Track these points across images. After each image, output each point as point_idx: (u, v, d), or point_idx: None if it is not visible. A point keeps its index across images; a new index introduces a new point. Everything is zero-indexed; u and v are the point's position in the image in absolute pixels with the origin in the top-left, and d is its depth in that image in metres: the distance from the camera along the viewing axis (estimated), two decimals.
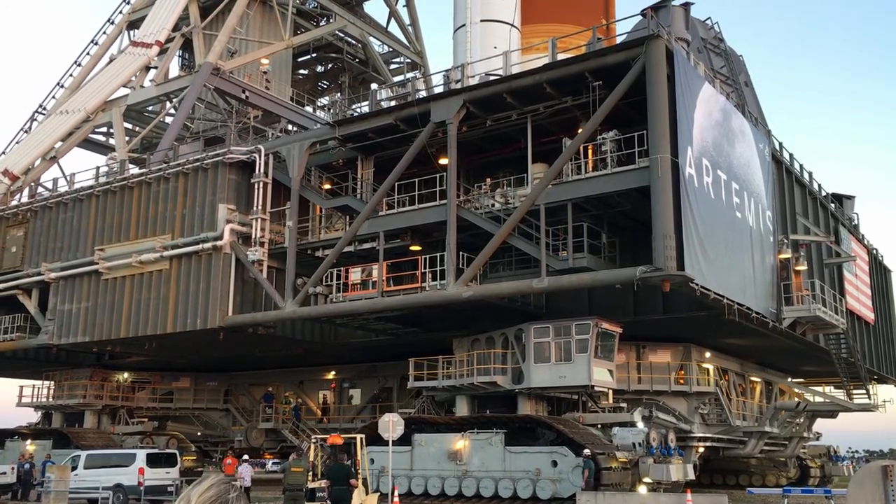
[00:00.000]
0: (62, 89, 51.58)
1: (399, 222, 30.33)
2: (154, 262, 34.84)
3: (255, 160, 33.52)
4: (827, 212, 38.09)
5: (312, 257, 33.45)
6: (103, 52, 52.67)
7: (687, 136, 25.26)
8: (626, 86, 25.41)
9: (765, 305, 29.37)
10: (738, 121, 29.73)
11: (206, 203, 33.95)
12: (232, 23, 45.70)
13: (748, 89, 38.68)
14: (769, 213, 31.22)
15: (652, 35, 25.04)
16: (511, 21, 41.64)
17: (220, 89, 44.68)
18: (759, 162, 30.88)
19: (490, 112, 29.01)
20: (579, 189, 26.49)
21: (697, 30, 36.78)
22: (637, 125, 25.76)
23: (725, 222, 27.32)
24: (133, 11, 53.76)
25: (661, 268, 23.74)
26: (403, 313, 31.44)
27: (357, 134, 31.51)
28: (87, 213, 38.14)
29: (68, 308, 37.78)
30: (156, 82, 46.68)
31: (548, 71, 27.13)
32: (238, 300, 33.32)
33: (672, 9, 30.32)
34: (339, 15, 53.01)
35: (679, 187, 24.45)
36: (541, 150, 28.87)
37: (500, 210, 28.41)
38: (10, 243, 41.18)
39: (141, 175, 36.70)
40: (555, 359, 28.99)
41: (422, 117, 29.55)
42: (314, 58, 58.17)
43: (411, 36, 57.53)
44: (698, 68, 27.90)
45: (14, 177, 44.73)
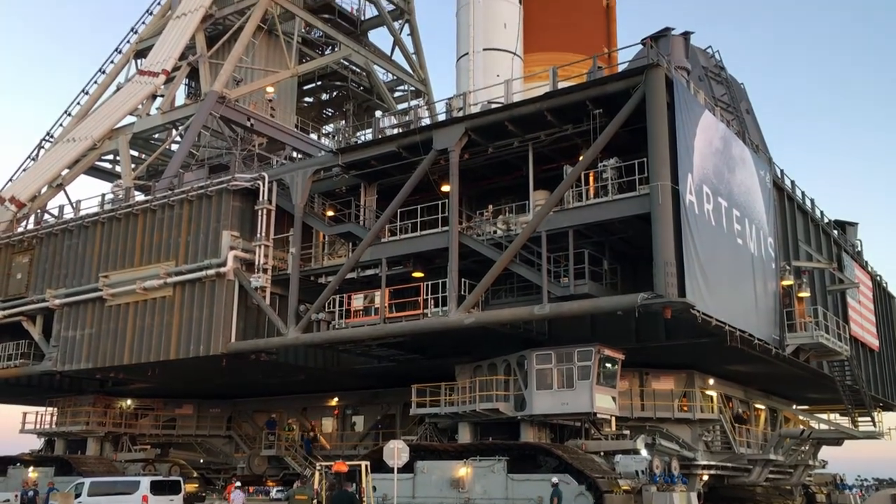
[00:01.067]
0: (69, 117, 52.19)
1: (401, 249, 30.46)
2: (158, 289, 35.01)
3: (259, 187, 33.77)
4: (829, 238, 38.10)
5: (315, 284, 33.57)
6: (111, 80, 53.34)
7: (687, 163, 25.40)
8: (626, 114, 25.62)
9: (767, 332, 29.32)
10: (738, 148, 29.88)
11: (210, 230, 34.17)
12: (238, 52, 46.25)
13: (749, 117, 38.93)
14: (771, 239, 31.26)
15: (651, 64, 25.29)
16: (513, 50, 42.05)
17: (225, 117, 45.13)
18: (760, 189, 30.99)
19: (492, 139, 29.23)
20: (580, 216, 26.60)
21: (698, 58, 37.12)
22: (638, 152, 25.92)
23: (727, 249, 27.37)
24: (140, 41, 54.51)
25: (663, 294, 23.78)
26: (406, 340, 31.46)
27: (360, 161, 31.76)
28: (91, 240, 38.39)
29: (72, 335, 37.90)
30: (162, 110, 47.16)
31: (549, 99, 27.38)
32: (241, 326, 33.41)
33: (672, 38, 30.65)
34: (343, 44, 53.62)
35: (680, 214, 24.55)
36: (542, 178, 29.03)
37: (501, 237, 28.53)
38: (16, 270, 41.42)
39: (146, 202, 36.99)
40: (557, 385, 28.92)
41: (424, 145, 29.80)
42: (319, 86, 58.81)
43: (415, 64, 58.07)
44: (698, 96, 28.10)
45: (20, 204, 45.11)
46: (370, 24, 58.79)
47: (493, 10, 42.45)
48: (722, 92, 37.62)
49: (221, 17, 49.82)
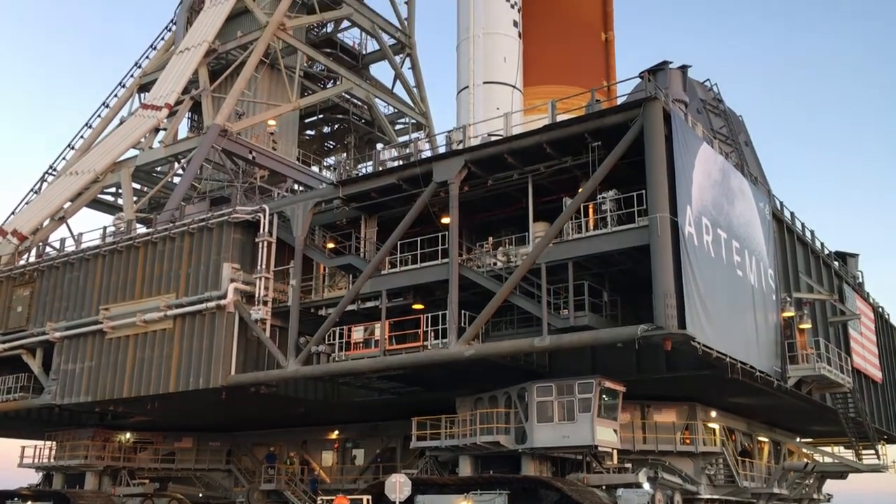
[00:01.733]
0: (73, 151, 52.56)
1: (401, 281, 30.47)
2: (158, 322, 34.98)
3: (260, 220, 33.89)
4: (830, 270, 38.09)
5: (315, 316, 33.54)
6: (114, 114, 53.85)
7: (686, 195, 25.50)
8: (624, 146, 25.78)
9: (769, 364, 29.21)
10: (737, 180, 30.00)
11: (211, 262, 34.23)
12: (240, 86, 46.66)
13: (748, 149, 39.18)
14: (771, 271, 31.27)
15: (649, 97, 25.50)
16: (513, 83, 42.44)
17: (227, 150, 45.38)
18: (759, 220, 31.06)
19: (491, 172, 29.38)
20: (580, 248, 26.65)
21: (696, 91, 37.46)
22: (636, 184, 26.02)
23: (726, 280, 27.37)
24: (144, 75, 55.12)
25: (663, 326, 23.74)
26: (406, 372, 31.34)
27: (360, 193, 31.91)
28: (92, 273, 38.45)
29: (71, 368, 37.80)
30: (164, 143, 47.48)
31: (548, 132, 27.57)
32: (241, 359, 33.32)
33: (669, 71, 30.95)
34: (345, 77, 54.08)
35: (679, 246, 24.60)
36: (542, 209, 29.12)
37: (501, 269, 28.56)
38: (16, 303, 41.44)
39: (147, 235, 37.09)
40: (558, 418, 28.74)
41: (424, 177, 29.95)
42: (321, 118, 59.26)
43: (416, 97, 58.53)
44: (696, 129, 28.29)
45: (22, 237, 45.27)
46: (372, 58, 59.45)
47: (493, 44, 42.95)
48: (720, 124, 37.91)
49: (224, 52, 50.33)
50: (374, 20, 55.92)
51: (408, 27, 58.40)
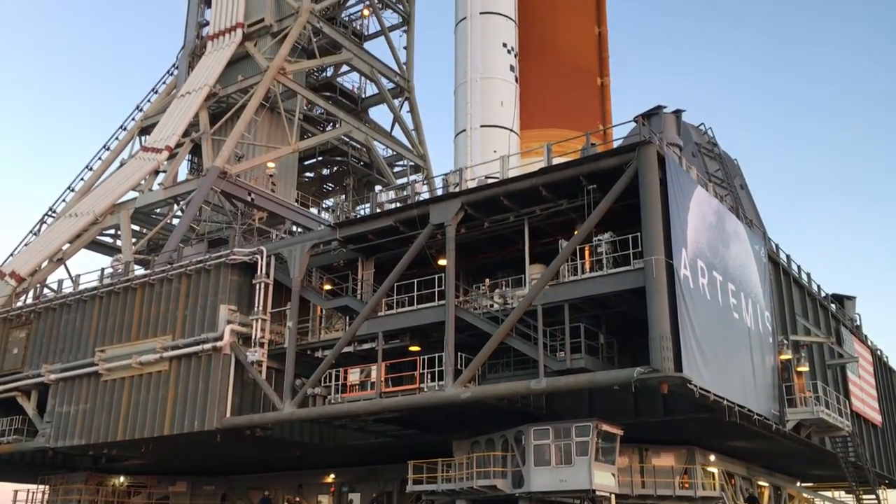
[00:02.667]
0: (73, 193, 52.85)
1: (398, 323, 30.44)
2: (153, 363, 34.87)
3: (258, 261, 33.98)
4: (827, 312, 38.09)
5: (312, 358, 33.43)
6: (115, 156, 54.31)
7: (681, 238, 25.63)
8: (619, 189, 25.97)
9: (767, 407, 29.07)
10: (732, 223, 30.17)
11: (208, 304, 34.23)
12: (240, 129, 47.10)
13: (743, 192, 39.44)
14: (768, 313, 31.28)
15: (643, 141, 25.77)
16: (510, 127, 42.90)
17: (226, 192, 45.66)
18: (755, 263, 31.16)
19: (488, 214, 29.54)
20: (576, 290, 26.68)
21: (691, 135, 37.83)
22: (632, 227, 26.15)
23: (723, 323, 27.37)
24: (145, 118, 55.69)
25: (659, 369, 23.68)
26: (402, 415, 31.18)
27: (357, 235, 32.04)
28: (89, 315, 38.41)
29: (66, 410, 37.56)
30: (164, 186, 47.76)
31: (543, 175, 27.79)
32: (236, 401, 33.15)
33: (664, 115, 31.29)
34: (344, 121, 54.61)
35: (674, 288, 24.65)
36: (538, 252, 29.21)
37: (498, 311, 28.56)
38: (13, 345, 41.32)
39: (144, 276, 37.15)
40: (555, 462, 28.48)
41: (421, 219, 30.10)
42: (320, 161, 59.69)
43: (414, 140, 59.02)
44: (691, 172, 28.53)
45: (20, 278, 45.29)
46: (370, 102, 60.10)
47: (490, 88, 43.55)
48: (716, 167, 38.21)
49: (225, 96, 50.93)
50: (373, 65, 56.65)
51: (406, 71, 59.14)
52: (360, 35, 59.40)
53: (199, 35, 57.21)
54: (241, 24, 52.19)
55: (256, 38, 52.39)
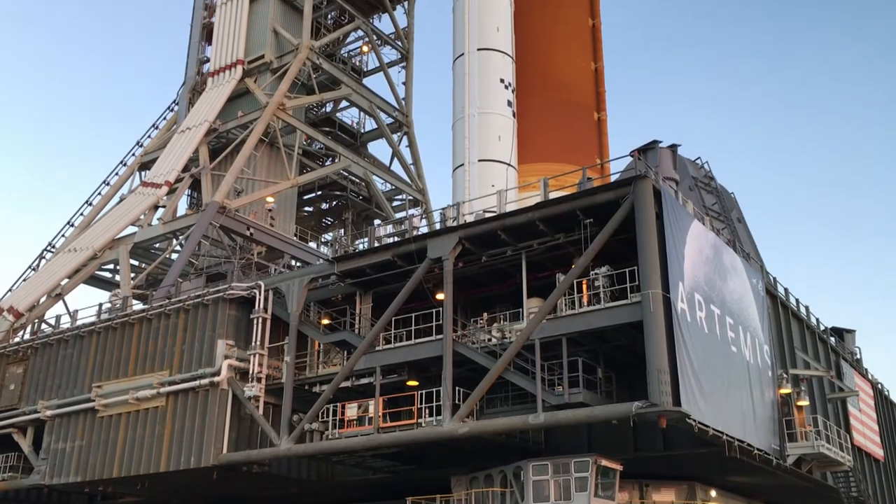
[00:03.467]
0: (72, 228, 52.98)
1: (396, 357, 30.34)
2: (150, 399, 34.69)
3: (256, 296, 33.96)
4: (827, 346, 37.98)
5: (309, 393, 33.27)
6: (114, 192, 54.54)
7: (678, 271, 25.65)
8: (615, 223, 26.05)
9: (767, 442, 28.86)
10: (729, 256, 30.21)
11: (206, 339, 34.15)
12: (240, 164, 47.37)
13: (741, 225, 39.54)
14: (766, 347, 31.19)
15: (639, 175, 25.91)
16: (508, 161, 43.14)
17: (225, 227, 45.78)
18: (753, 296, 31.14)
19: (485, 248, 29.59)
20: (573, 324, 26.63)
21: (688, 169, 38.04)
22: (629, 261, 26.18)
23: (721, 357, 27.28)
24: (145, 154, 56.04)
25: (657, 403, 23.56)
26: (400, 450, 30.94)
27: (355, 270, 32.06)
28: (87, 350, 38.30)
29: (62, 447, 37.28)
30: (163, 221, 47.91)
31: (540, 209, 27.89)
32: (233, 437, 32.92)
33: (659, 150, 31.52)
34: (343, 155, 54.93)
35: (672, 322, 24.61)
36: (536, 286, 29.20)
37: (496, 345, 28.48)
38: (9, 381, 41.16)
39: (142, 311, 37.10)
40: (554, 497, 28.17)
41: (419, 254, 30.15)
42: (319, 195, 59.93)
43: (413, 174, 59.32)
44: (687, 206, 28.63)
45: (18, 314, 45.24)
46: (369, 137, 60.54)
47: (488, 123, 43.86)
48: (713, 201, 38.35)
49: (225, 131, 51.29)
50: (372, 100, 57.13)
51: (405, 106, 59.63)
52: (360, 71, 60.04)
53: (199, 72, 57.81)
54: (242, 61, 52.76)
55: (256, 75, 52.93)
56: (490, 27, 45.23)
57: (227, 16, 54.27)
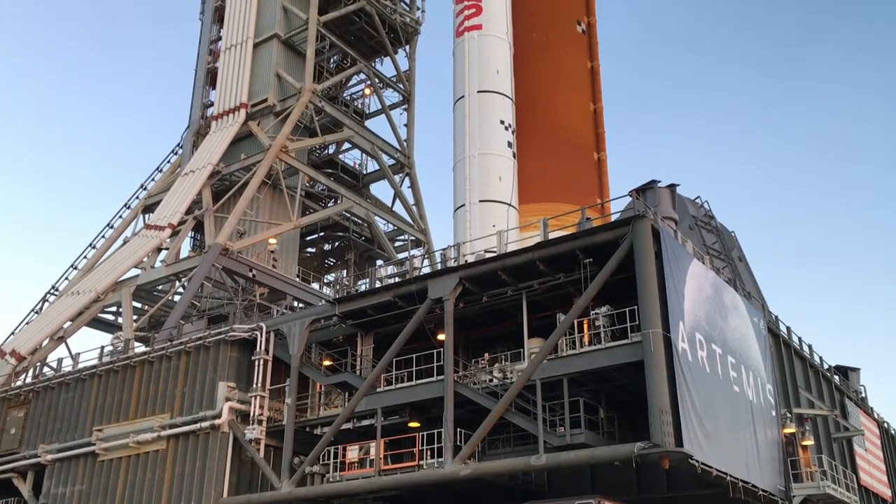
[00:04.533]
0: (75, 271, 53.18)
1: (397, 399, 30.26)
2: (151, 443, 34.54)
3: (257, 338, 33.98)
4: (831, 385, 37.75)
5: (311, 435, 33.12)
6: (118, 234, 54.81)
7: (678, 311, 25.66)
8: (615, 263, 26.14)
9: (772, 482, 28.58)
10: (730, 295, 30.22)
11: (207, 381, 34.10)
12: (242, 206, 47.67)
13: (742, 263, 39.57)
14: (769, 386, 31.03)
15: (637, 215, 26.06)
16: (508, 201, 43.39)
17: (227, 269, 45.92)
18: (754, 335, 31.07)
19: (486, 288, 29.67)
20: (574, 364, 26.59)
21: (687, 208, 38.20)
22: (629, 300, 26.23)
23: (723, 396, 27.15)
24: (149, 196, 56.45)
25: (659, 444, 23.41)
26: (402, 492, 30.67)
27: (357, 311, 32.11)
28: (88, 393, 38.23)
29: (62, 491, 37.02)
30: (166, 263, 48.11)
31: (540, 249, 28.02)
32: (234, 480, 32.70)
33: (658, 190, 31.68)
34: (345, 197, 55.27)
35: (673, 361, 24.56)
36: (537, 325, 29.21)
37: (497, 385, 28.41)
38: (10, 425, 41.01)
39: (143, 354, 37.10)
40: None
41: (419, 294, 30.22)
42: (322, 236, 60.17)
43: (415, 215, 59.60)
44: (686, 245, 28.73)
45: (20, 357, 45.23)
46: (372, 178, 60.94)
47: (488, 164, 44.24)
48: (713, 240, 38.44)
49: (228, 174, 51.72)
50: (374, 142, 57.66)
51: (407, 148, 60.14)
52: (362, 113, 60.70)
53: (203, 115, 58.46)
54: (245, 105, 53.38)
55: (260, 118, 53.53)
56: (490, 70, 45.86)
57: (231, 61, 55.08)
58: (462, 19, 47.04)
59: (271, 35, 54.32)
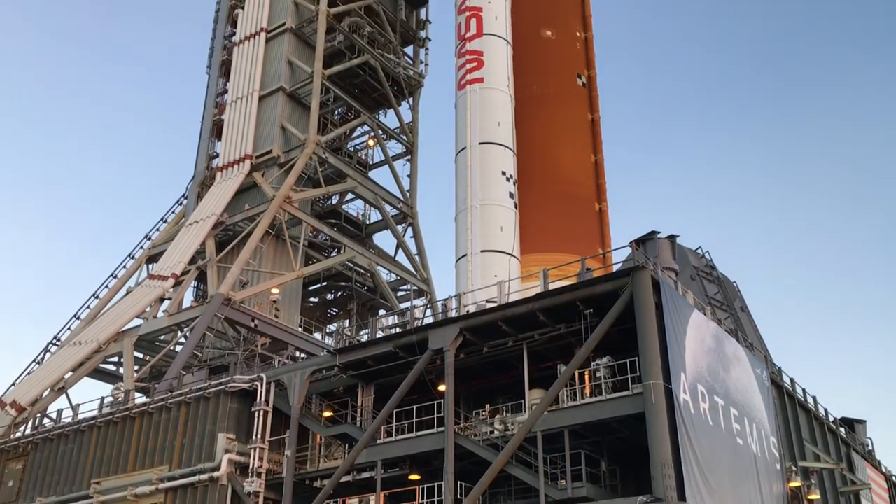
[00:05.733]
0: (78, 321, 53.21)
1: (397, 451, 29.99)
2: (149, 496, 34.19)
3: (257, 388, 33.84)
4: (837, 437, 37.34)
5: (310, 488, 32.77)
6: (121, 284, 54.99)
7: (679, 362, 25.56)
8: (615, 314, 26.13)
9: None
10: (731, 346, 30.11)
11: (206, 433, 33.87)
12: (245, 256, 47.83)
13: (744, 314, 39.50)
14: (774, 439, 30.73)
15: (637, 266, 26.14)
16: (510, 252, 43.47)
17: (230, 318, 45.91)
18: (757, 387, 30.87)
19: (486, 339, 29.61)
20: (576, 416, 26.40)
21: (689, 258, 38.29)
22: (630, 351, 26.14)
23: (726, 449, 26.88)
24: (153, 246, 56.74)
25: (662, 498, 23.14)
26: None
27: (357, 361, 32.03)
28: (87, 445, 37.96)
29: None
30: (168, 313, 48.13)
31: (540, 300, 28.04)
32: None
33: (658, 241, 31.82)
34: (348, 246, 55.48)
35: (675, 414, 24.39)
36: (538, 377, 29.08)
37: (498, 437, 28.17)
38: (8, 477, 40.66)
39: (143, 405, 36.93)
40: None
41: (420, 345, 30.17)
42: (324, 286, 60.22)
43: (418, 264, 59.73)
44: (687, 296, 28.73)
45: (21, 408, 45.00)
46: (374, 228, 61.22)
47: (490, 215, 44.37)
48: (715, 290, 38.45)
49: (232, 224, 52.04)
50: (378, 192, 58.08)
51: (410, 198, 60.55)
52: (365, 164, 61.23)
53: (209, 166, 59.08)
54: (250, 156, 53.96)
55: (264, 169, 54.04)
56: (491, 122, 46.31)
57: (237, 113, 55.84)
58: (464, 73, 47.73)
59: (277, 88, 55.16)
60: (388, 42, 60.42)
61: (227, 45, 61.69)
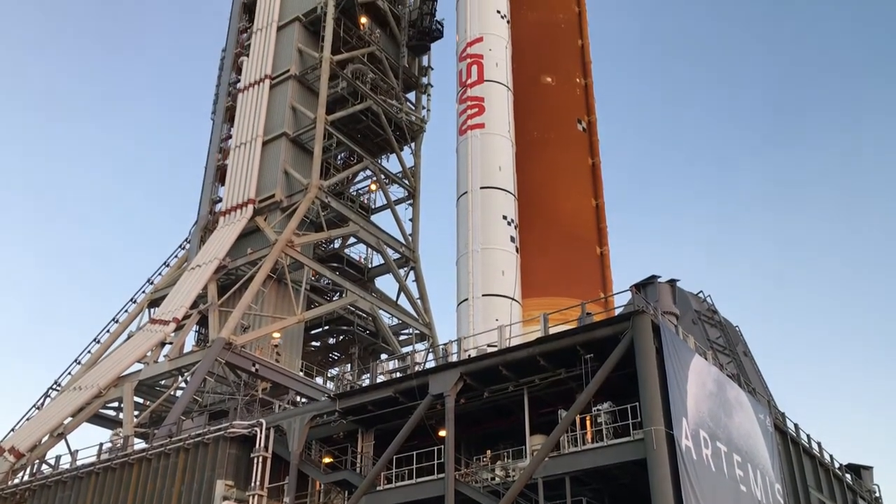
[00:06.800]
0: (79, 366, 53.06)
1: (397, 498, 29.64)
2: None
3: (257, 434, 33.58)
4: (843, 484, 36.86)
5: None
6: (123, 329, 54.93)
7: (680, 407, 25.36)
8: (615, 359, 26.02)
9: None
10: (734, 391, 29.90)
11: (205, 479, 33.54)
12: (247, 300, 47.83)
13: (747, 359, 39.29)
14: (778, 486, 30.34)
15: (637, 311, 26.09)
16: (512, 295, 43.41)
17: (230, 363, 45.75)
18: (761, 433, 30.58)
19: (487, 384, 29.46)
20: (577, 462, 26.13)
21: (690, 303, 38.22)
22: (631, 396, 25.97)
23: (730, 496, 26.53)
24: (155, 291, 56.81)
25: None
26: None
27: (357, 406, 31.83)
28: (84, 492, 37.57)
29: None
30: (169, 357, 47.98)
31: (540, 345, 27.95)
32: None
33: (659, 285, 31.81)
34: (350, 290, 55.47)
35: (676, 460, 24.13)
36: (539, 422, 28.86)
37: (499, 484, 27.86)
38: None
39: (142, 452, 36.63)
40: None
41: (420, 390, 30.00)
42: (326, 330, 60.08)
43: (420, 308, 59.64)
44: (688, 341, 28.63)
45: (19, 454, 44.63)
46: (376, 272, 61.29)
47: (491, 259, 44.36)
48: (717, 335, 38.31)
49: (234, 268, 52.15)
50: (380, 236, 58.27)
51: (412, 242, 60.72)
52: (367, 208, 61.55)
53: (212, 211, 59.43)
54: (253, 200, 54.31)
55: (267, 213, 54.33)
56: (493, 166, 46.59)
57: (241, 158, 56.34)
58: (465, 118, 48.15)
59: (280, 133, 55.73)
60: (390, 88, 61.17)
61: (231, 92, 62.50)
